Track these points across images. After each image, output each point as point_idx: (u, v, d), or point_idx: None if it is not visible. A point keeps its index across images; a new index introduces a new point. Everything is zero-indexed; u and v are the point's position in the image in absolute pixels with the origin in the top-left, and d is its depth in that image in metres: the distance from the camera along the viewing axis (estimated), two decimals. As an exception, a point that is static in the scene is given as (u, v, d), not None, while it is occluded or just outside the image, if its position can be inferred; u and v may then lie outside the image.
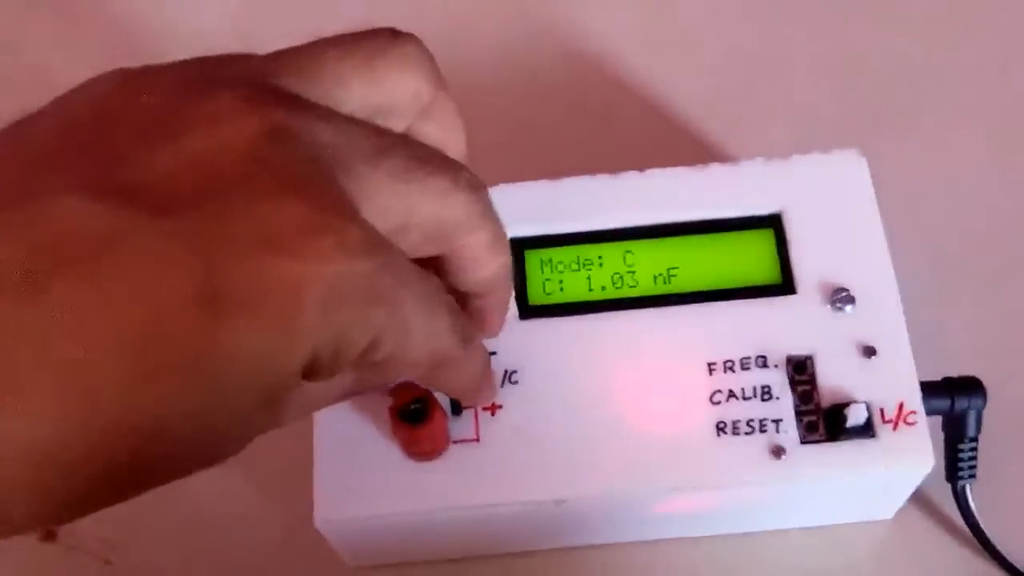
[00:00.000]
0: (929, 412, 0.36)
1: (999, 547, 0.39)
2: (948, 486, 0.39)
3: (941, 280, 0.43)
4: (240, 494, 0.41)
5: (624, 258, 0.38)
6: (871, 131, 0.47)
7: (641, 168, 0.39)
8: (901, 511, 0.40)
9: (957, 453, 0.38)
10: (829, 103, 0.48)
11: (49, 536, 0.40)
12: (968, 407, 0.37)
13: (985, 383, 0.37)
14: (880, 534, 0.40)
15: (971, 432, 0.38)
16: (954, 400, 0.37)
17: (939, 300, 0.42)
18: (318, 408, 0.32)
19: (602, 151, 0.47)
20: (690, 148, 0.46)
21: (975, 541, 0.39)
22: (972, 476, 0.39)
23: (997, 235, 0.45)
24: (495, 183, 0.39)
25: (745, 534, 0.40)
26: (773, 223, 0.38)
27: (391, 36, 0.28)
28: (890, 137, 0.46)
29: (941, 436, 0.38)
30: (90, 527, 0.40)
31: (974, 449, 0.38)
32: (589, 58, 0.50)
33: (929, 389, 0.36)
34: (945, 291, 0.43)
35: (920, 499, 0.40)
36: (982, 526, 0.39)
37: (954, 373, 0.38)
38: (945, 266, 0.44)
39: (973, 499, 0.39)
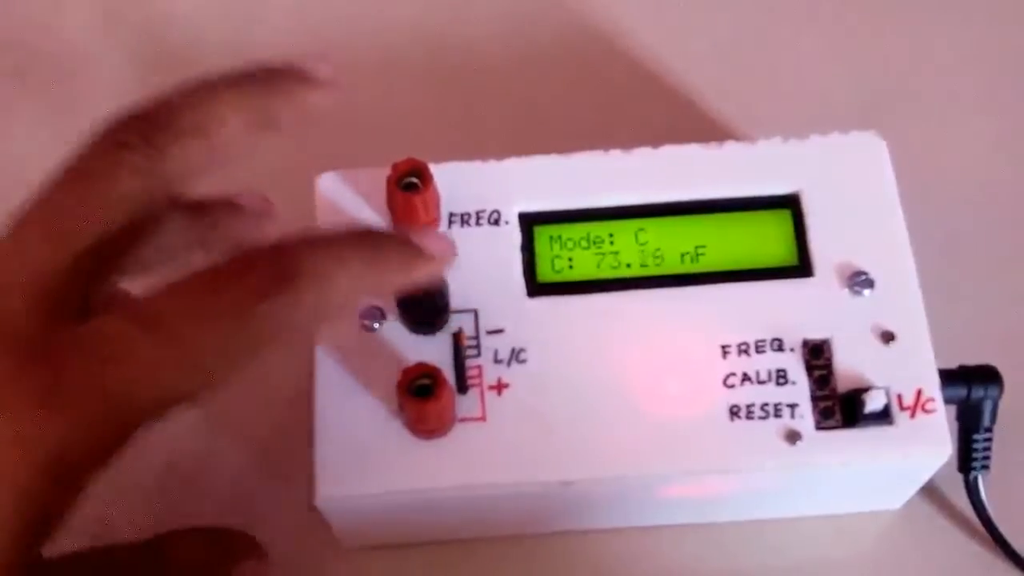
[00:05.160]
0: (944, 401, 0.35)
1: (1011, 541, 0.38)
2: (958, 476, 0.38)
3: (955, 267, 0.43)
4: (235, 469, 0.40)
5: (636, 236, 0.37)
6: (886, 114, 0.46)
7: (655, 145, 0.38)
8: (909, 501, 0.39)
9: (971, 443, 0.38)
10: (844, 85, 0.47)
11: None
12: (984, 396, 0.37)
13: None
14: (887, 524, 0.39)
15: (987, 422, 0.37)
16: (970, 389, 0.36)
17: (953, 287, 0.41)
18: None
19: (614, 129, 0.46)
20: (703, 127, 0.45)
21: (985, 533, 0.39)
22: (985, 467, 0.38)
23: (1011, 222, 0.44)
24: (505, 157, 0.38)
25: (750, 522, 0.39)
26: (790, 203, 0.37)
27: None
28: (905, 121, 0.45)
29: (953, 425, 0.37)
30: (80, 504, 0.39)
31: (989, 440, 0.38)
32: (602, 34, 0.49)
33: (945, 377, 0.35)
34: (959, 278, 0.42)
35: (928, 489, 0.39)
36: (994, 519, 0.38)
37: (968, 362, 0.37)
38: (959, 253, 0.43)
39: (985, 491, 0.38)
